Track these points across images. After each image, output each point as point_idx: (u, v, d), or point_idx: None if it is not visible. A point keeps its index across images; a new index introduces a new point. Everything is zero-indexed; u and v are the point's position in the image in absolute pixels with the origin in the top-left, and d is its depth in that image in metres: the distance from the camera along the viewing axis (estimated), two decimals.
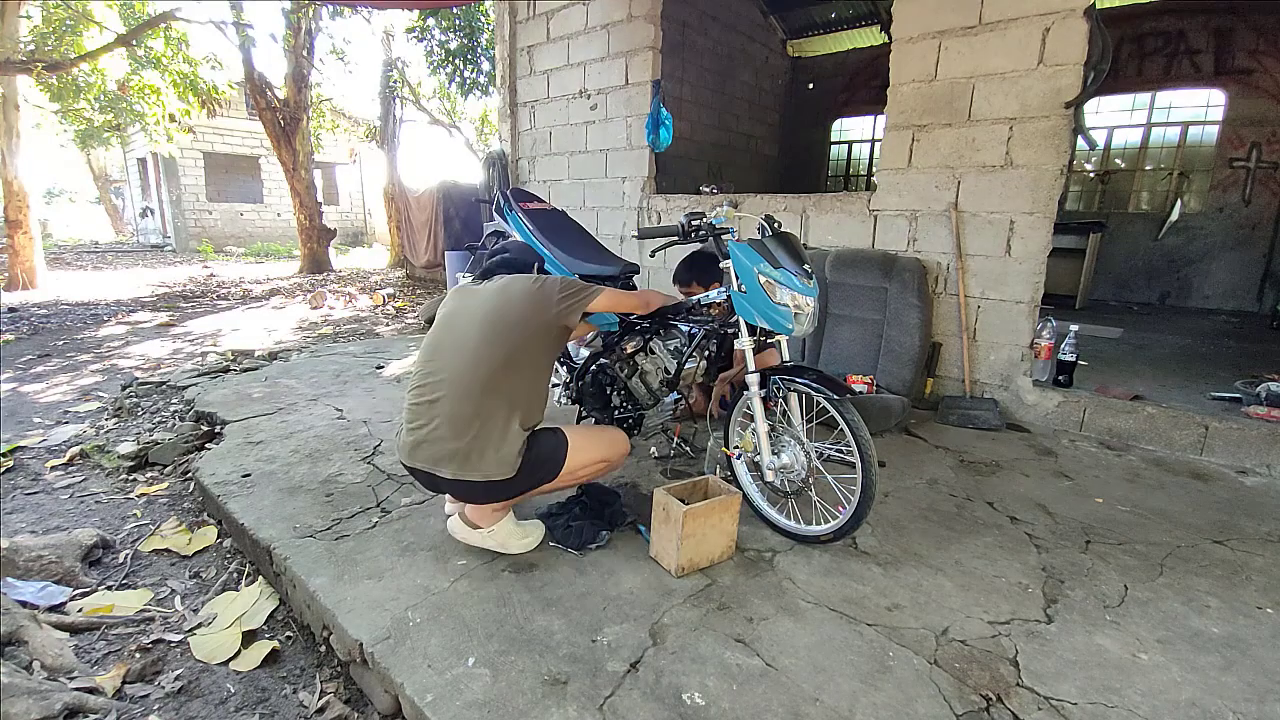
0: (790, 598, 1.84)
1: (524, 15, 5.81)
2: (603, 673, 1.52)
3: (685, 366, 2.49)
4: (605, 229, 5.36)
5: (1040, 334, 3.40)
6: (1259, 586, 1.96)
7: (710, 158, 7.76)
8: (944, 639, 1.68)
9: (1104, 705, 1.47)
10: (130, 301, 8.15)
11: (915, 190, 3.65)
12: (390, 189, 11.60)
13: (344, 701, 1.66)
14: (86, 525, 2.47)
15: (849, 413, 1.95)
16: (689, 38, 7.14)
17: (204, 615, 1.98)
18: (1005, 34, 3.24)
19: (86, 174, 23.50)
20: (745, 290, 2.06)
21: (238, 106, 15.98)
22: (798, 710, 1.42)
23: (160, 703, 1.63)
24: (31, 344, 5.66)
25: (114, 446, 3.22)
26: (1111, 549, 2.17)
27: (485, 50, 10.18)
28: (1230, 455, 2.94)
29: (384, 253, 15.49)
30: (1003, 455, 3.00)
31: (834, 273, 3.77)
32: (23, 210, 8.45)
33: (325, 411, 3.39)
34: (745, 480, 2.30)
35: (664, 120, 4.81)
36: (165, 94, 9.95)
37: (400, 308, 7.91)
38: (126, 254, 15.39)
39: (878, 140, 8.88)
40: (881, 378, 3.57)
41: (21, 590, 1.97)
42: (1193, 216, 6.62)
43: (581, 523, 2.11)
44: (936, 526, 2.30)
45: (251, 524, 2.20)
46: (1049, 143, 3.18)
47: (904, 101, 3.62)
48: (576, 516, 2.14)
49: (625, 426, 2.76)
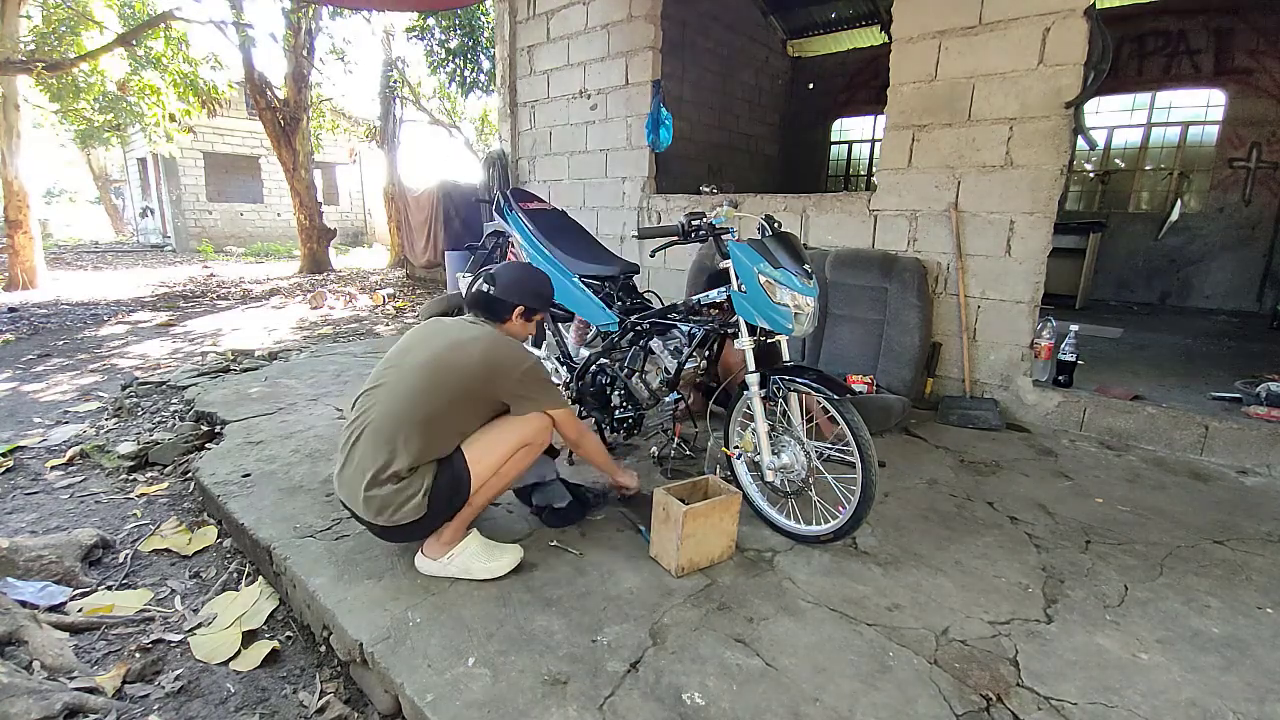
0: (790, 598, 1.84)
1: (524, 15, 5.80)
2: (603, 673, 1.52)
3: (685, 366, 2.49)
4: (605, 229, 5.36)
5: (1040, 334, 3.40)
6: (1259, 586, 1.96)
7: (710, 158, 7.76)
8: (944, 639, 1.68)
9: (1104, 705, 1.47)
10: (130, 301, 8.15)
11: (915, 190, 3.65)
12: (390, 189, 11.60)
13: (344, 701, 1.66)
14: (86, 525, 2.47)
15: (849, 413, 1.95)
16: (689, 38, 7.13)
17: (204, 615, 1.98)
18: (1005, 34, 3.24)
19: (86, 174, 23.50)
20: (745, 290, 2.06)
21: (238, 106, 15.97)
22: (798, 710, 1.42)
23: (160, 703, 1.63)
24: (31, 344, 5.66)
25: (114, 446, 3.22)
26: (1111, 549, 2.17)
27: (485, 49, 10.17)
28: (1230, 455, 2.94)
29: (384, 253, 15.48)
30: (1003, 455, 3.00)
31: (834, 273, 3.77)
32: (23, 210, 8.45)
33: (325, 411, 3.39)
34: (745, 480, 2.30)
35: (664, 120, 4.81)
36: (165, 94, 9.95)
37: (400, 308, 7.91)
38: (126, 254, 15.39)
39: (878, 140, 8.87)
40: (881, 378, 3.57)
41: (21, 590, 1.97)
42: (1193, 216, 6.62)
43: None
44: (936, 526, 2.30)
45: (251, 524, 2.20)
46: (1049, 143, 3.18)
47: (904, 101, 3.62)
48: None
49: (625, 426, 2.77)
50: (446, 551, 1.88)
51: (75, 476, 2.96)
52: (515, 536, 2.10)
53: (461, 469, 1.83)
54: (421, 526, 1.83)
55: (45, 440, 3.39)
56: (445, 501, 1.82)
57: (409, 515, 1.77)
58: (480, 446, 1.86)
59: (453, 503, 1.84)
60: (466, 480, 1.83)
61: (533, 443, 1.93)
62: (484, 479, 1.86)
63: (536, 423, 1.92)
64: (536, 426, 1.92)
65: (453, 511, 1.86)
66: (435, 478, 1.80)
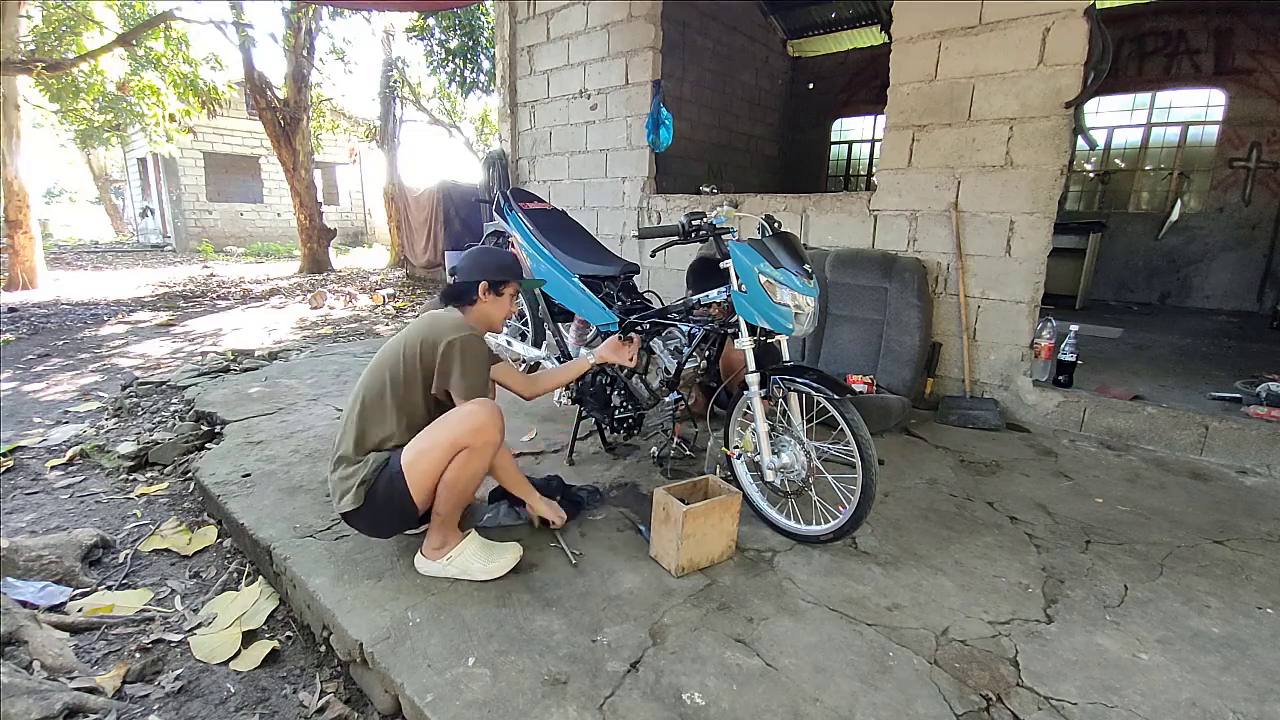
0: (790, 598, 1.84)
1: (524, 15, 5.80)
2: (603, 673, 1.52)
3: (685, 366, 2.49)
4: (605, 229, 5.36)
5: (1040, 334, 3.40)
6: (1259, 586, 1.96)
7: (710, 158, 7.76)
8: (944, 639, 1.68)
9: (1104, 705, 1.47)
10: (130, 301, 8.15)
11: (915, 190, 3.65)
12: (390, 189, 11.61)
13: (344, 701, 1.66)
14: (86, 525, 2.47)
15: (849, 413, 1.95)
16: (689, 38, 7.14)
17: (204, 615, 1.98)
18: (1005, 34, 3.24)
19: (86, 174, 23.51)
20: (745, 290, 2.06)
21: (238, 106, 15.97)
22: (798, 710, 1.42)
23: (160, 703, 1.63)
24: (31, 344, 5.66)
25: (114, 446, 3.22)
26: (1111, 549, 2.17)
27: (485, 49, 10.17)
28: (1230, 455, 2.94)
29: (384, 253, 15.49)
30: (1003, 455, 3.00)
31: (834, 273, 3.77)
32: (23, 210, 8.45)
33: (325, 411, 3.39)
34: (745, 480, 2.30)
35: (664, 120, 4.81)
36: (165, 94, 9.96)
37: (400, 307, 7.91)
38: (126, 254, 15.39)
39: (878, 140, 8.88)
40: (881, 378, 3.57)
41: (21, 590, 1.97)
42: (1193, 216, 6.62)
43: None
44: (936, 526, 2.30)
45: (251, 524, 2.20)
46: (1049, 143, 3.18)
47: (904, 101, 3.62)
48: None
49: (625, 426, 2.77)
50: (445, 552, 1.88)
51: (75, 476, 2.96)
52: (514, 537, 2.10)
53: (396, 467, 1.78)
54: (364, 519, 1.85)
55: (45, 440, 3.39)
56: (384, 499, 1.79)
57: (348, 504, 1.80)
58: (414, 447, 1.79)
59: (392, 502, 1.79)
60: (400, 480, 1.77)
61: (471, 445, 1.74)
62: (422, 483, 1.77)
63: (469, 421, 1.74)
64: (469, 426, 1.74)
65: (401, 515, 1.85)
66: (376, 471, 1.80)
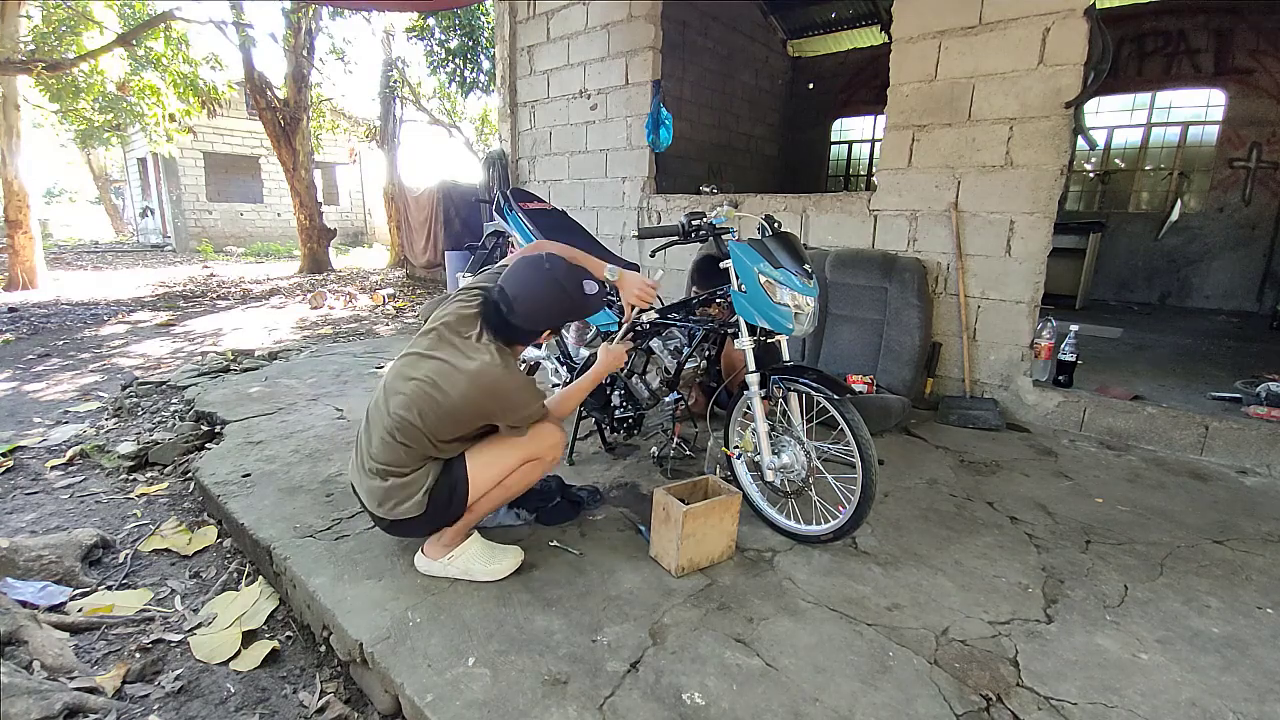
0: (790, 598, 1.84)
1: (524, 15, 5.81)
2: (603, 673, 1.52)
3: (685, 366, 2.49)
4: (605, 229, 5.36)
5: (1040, 334, 3.40)
6: (1259, 586, 1.96)
7: (710, 158, 7.76)
8: (944, 639, 1.68)
9: (1104, 705, 1.47)
10: (130, 301, 8.15)
11: (915, 190, 3.65)
12: (390, 189, 11.61)
13: (344, 701, 1.66)
14: (86, 525, 2.47)
15: (849, 413, 1.95)
16: (689, 38, 7.13)
17: (204, 615, 1.98)
18: (1005, 34, 3.24)
19: (86, 174, 23.52)
20: (745, 290, 2.06)
21: (238, 106, 15.97)
22: (798, 710, 1.42)
23: (160, 703, 1.63)
24: (32, 343, 5.65)
25: (114, 446, 3.21)
26: (1111, 549, 2.17)
27: (485, 49, 10.17)
28: (1230, 455, 2.94)
29: (384, 253, 15.48)
30: (1003, 455, 3.00)
31: (834, 273, 3.77)
32: (23, 210, 8.45)
33: (325, 411, 3.39)
34: (745, 480, 2.30)
35: (664, 120, 4.81)
36: (165, 94, 9.96)
37: (400, 307, 7.91)
38: (126, 254, 15.38)
39: (878, 140, 8.87)
40: (881, 378, 3.57)
41: (21, 590, 1.97)
42: (1193, 216, 6.62)
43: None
44: (936, 526, 2.30)
45: (251, 524, 2.20)
46: (1049, 143, 3.18)
47: (904, 101, 3.62)
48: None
49: (625, 427, 2.76)
50: (447, 553, 1.88)
51: (75, 476, 2.96)
52: (515, 537, 2.10)
53: (461, 477, 1.82)
54: (420, 524, 1.84)
55: (45, 440, 3.39)
56: (444, 504, 1.82)
57: (409, 511, 1.79)
58: (485, 458, 1.84)
59: (451, 506, 1.83)
60: (464, 489, 1.82)
61: (543, 458, 1.89)
62: (483, 490, 1.84)
63: (548, 439, 1.88)
64: (548, 442, 1.88)
65: (452, 515, 1.86)
66: (437, 479, 1.81)
